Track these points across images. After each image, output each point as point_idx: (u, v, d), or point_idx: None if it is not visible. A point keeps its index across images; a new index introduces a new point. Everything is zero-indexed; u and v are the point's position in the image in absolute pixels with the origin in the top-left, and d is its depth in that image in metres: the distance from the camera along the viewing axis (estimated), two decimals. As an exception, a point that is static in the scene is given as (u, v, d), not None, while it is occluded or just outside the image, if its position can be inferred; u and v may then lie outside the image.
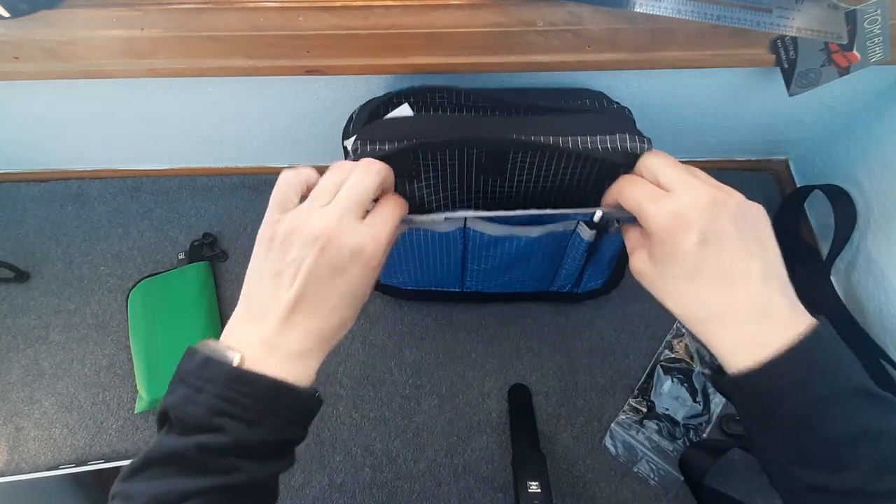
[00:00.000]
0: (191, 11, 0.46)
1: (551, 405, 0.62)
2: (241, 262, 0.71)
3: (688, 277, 0.34)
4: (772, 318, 0.33)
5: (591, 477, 0.59)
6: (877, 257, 0.61)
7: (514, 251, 0.54)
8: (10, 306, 0.68)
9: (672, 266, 0.34)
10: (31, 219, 0.74)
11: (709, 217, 0.33)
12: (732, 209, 0.34)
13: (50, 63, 0.49)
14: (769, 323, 0.32)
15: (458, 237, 0.53)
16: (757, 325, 0.32)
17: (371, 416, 0.62)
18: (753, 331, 0.32)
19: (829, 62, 0.49)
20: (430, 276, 0.60)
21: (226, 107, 0.62)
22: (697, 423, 0.60)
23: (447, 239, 0.53)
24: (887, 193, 0.59)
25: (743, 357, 0.32)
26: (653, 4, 0.44)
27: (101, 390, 0.64)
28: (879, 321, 0.61)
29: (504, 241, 0.53)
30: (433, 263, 0.57)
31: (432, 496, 0.58)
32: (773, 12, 0.45)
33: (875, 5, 0.45)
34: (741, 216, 0.34)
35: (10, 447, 0.61)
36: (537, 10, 0.46)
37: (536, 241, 0.52)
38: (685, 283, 0.34)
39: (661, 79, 0.57)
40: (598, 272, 0.60)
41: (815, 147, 0.71)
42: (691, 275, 0.34)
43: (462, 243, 0.54)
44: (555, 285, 0.63)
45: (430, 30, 0.47)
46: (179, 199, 0.75)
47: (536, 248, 0.54)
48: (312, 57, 0.49)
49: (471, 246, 0.54)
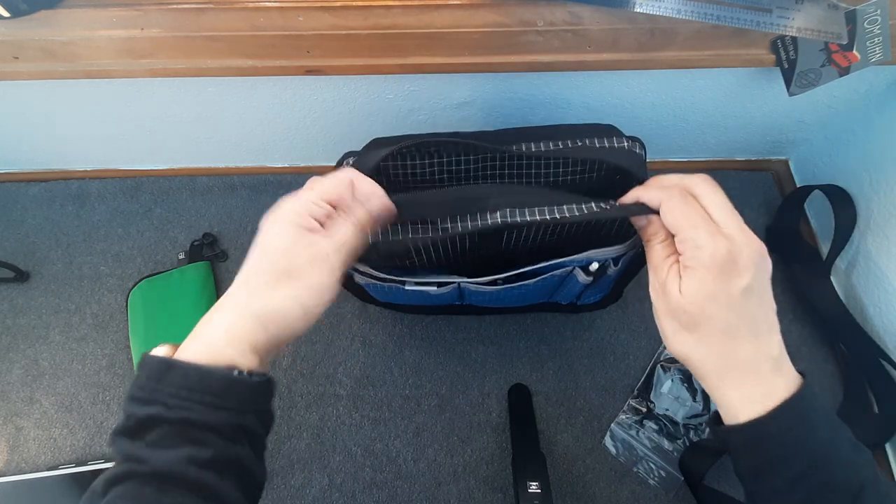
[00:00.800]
0: (191, 11, 0.46)
1: (551, 405, 0.62)
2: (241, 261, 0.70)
3: (725, 321, 0.34)
4: (781, 369, 0.35)
5: (591, 477, 0.59)
6: (877, 257, 0.61)
7: (512, 294, 0.52)
8: (10, 306, 0.68)
9: (710, 305, 0.34)
10: (31, 219, 0.74)
11: (760, 268, 0.35)
12: (769, 264, 0.36)
13: (50, 63, 0.49)
14: (777, 373, 0.35)
15: (455, 293, 0.52)
16: (769, 374, 0.35)
17: (371, 416, 0.62)
18: (765, 380, 0.34)
19: (830, 62, 0.49)
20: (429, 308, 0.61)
21: (226, 107, 0.62)
22: (697, 423, 0.60)
23: (441, 297, 0.52)
24: (887, 193, 0.59)
25: (755, 406, 0.34)
26: (653, 4, 0.44)
27: (101, 390, 0.64)
28: (879, 321, 0.61)
29: (500, 292, 0.51)
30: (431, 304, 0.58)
31: (432, 496, 0.58)
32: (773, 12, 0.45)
33: (875, 5, 0.45)
34: (770, 270, 0.36)
35: (10, 447, 0.61)
36: (537, 10, 0.46)
37: (533, 286, 0.51)
38: (721, 325, 0.35)
39: (661, 79, 0.57)
40: (598, 292, 0.59)
41: (816, 147, 0.71)
42: (728, 319, 0.34)
43: (458, 295, 0.53)
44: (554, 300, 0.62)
45: (430, 30, 0.47)
46: (179, 199, 0.75)
47: (533, 289, 0.52)
48: (312, 57, 0.49)
49: (466, 294, 0.53)
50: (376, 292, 0.55)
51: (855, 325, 0.61)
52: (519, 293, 0.53)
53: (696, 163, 0.76)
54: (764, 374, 0.34)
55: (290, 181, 0.75)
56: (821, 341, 0.64)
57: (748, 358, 0.35)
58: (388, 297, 0.55)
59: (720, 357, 0.35)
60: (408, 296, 0.52)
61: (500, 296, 0.53)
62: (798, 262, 0.67)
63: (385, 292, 0.53)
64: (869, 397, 0.60)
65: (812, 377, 0.35)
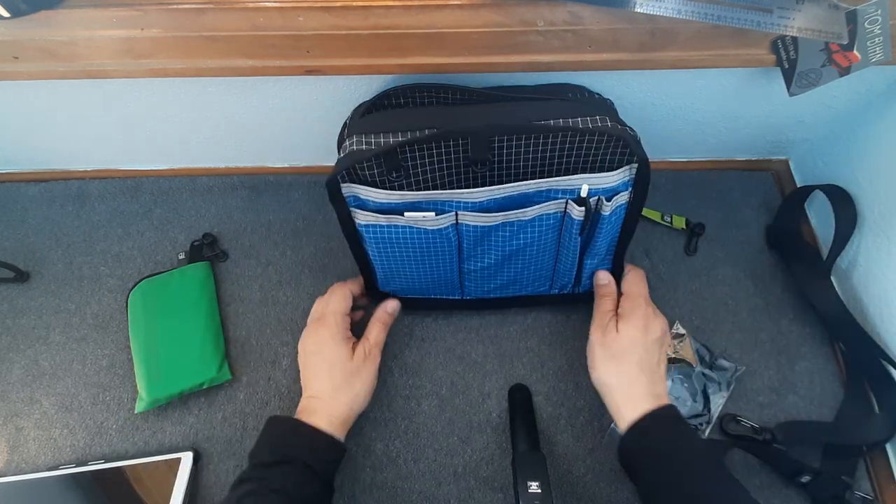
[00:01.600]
0: (191, 11, 0.46)
1: (551, 405, 0.62)
2: (242, 261, 0.71)
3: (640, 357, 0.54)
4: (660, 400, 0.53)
5: (591, 477, 0.59)
6: (877, 257, 0.61)
7: (509, 240, 0.54)
8: (10, 306, 0.68)
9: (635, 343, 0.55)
10: (31, 219, 0.74)
11: (665, 335, 0.56)
12: (669, 337, 0.59)
13: (50, 63, 0.49)
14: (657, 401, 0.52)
15: (452, 234, 0.53)
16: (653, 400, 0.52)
17: (371, 417, 0.62)
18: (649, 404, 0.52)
19: (830, 62, 0.49)
20: (428, 279, 0.60)
21: (226, 107, 0.62)
22: (697, 423, 0.60)
23: (440, 236, 0.53)
24: (887, 193, 0.59)
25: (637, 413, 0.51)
26: (653, 4, 0.44)
27: (101, 390, 0.64)
28: (879, 321, 0.61)
29: (497, 230, 0.52)
30: (429, 264, 0.57)
31: (432, 496, 0.58)
32: (773, 12, 0.45)
33: (875, 5, 0.45)
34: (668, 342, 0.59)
35: (10, 447, 0.61)
36: (538, 10, 0.46)
37: (529, 227, 0.52)
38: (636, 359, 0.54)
39: (661, 79, 0.57)
40: (597, 264, 0.60)
41: (816, 147, 0.71)
42: (642, 356, 0.54)
43: (456, 241, 0.54)
44: (556, 286, 0.63)
45: (430, 30, 0.47)
46: (179, 199, 0.75)
47: (530, 236, 0.54)
48: (312, 57, 0.49)
49: (465, 244, 0.54)
50: (377, 249, 0.55)
51: (855, 325, 0.61)
52: (518, 243, 0.54)
53: (697, 162, 0.76)
54: (650, 400, 0.51)
55: (290, 181, 0.75)
56: (821, 341, 0.64)
57: (644, 391, 0.52)
58: (389, 255, 0.55)
59: (628, 385, 0.53)
60: (407, 247, 0.54)
61: (499, 247, 0.55)
62: (798, 262, 0.67)
63: (385, 244, 0.54)
64: (869, 397, 0.60)
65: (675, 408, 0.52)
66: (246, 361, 0.65)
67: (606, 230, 0.54)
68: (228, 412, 0.62)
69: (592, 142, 0.48)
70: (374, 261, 0.57)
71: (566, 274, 0.60)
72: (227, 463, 0.59)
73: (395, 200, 0.49)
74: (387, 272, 0.59)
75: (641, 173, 0.49)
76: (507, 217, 0.51)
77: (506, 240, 0.54)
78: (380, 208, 0.50)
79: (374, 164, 0.47)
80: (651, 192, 0.50)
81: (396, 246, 0.54)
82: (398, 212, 0.50)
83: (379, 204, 0.50)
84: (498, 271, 0.59)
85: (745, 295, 0.67)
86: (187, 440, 0.61)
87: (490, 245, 0.55)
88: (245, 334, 0.66)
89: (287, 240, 0.72)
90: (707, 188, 0.74)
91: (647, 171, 0.49)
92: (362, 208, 0.51)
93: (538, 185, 0.49)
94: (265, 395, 0.63)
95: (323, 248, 0.71)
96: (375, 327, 0.59)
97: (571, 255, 0.57)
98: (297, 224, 0.73)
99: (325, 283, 0.68)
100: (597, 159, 0.49)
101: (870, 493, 0.57)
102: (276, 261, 0.71)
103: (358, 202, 0.51)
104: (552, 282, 0.62)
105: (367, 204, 0.50)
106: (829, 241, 0.65)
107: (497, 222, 0.51)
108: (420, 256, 0.55)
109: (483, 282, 0.61)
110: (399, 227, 0.51)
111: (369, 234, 0.53)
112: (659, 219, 0.71)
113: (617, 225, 0.55)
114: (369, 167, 0.48)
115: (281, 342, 0.66)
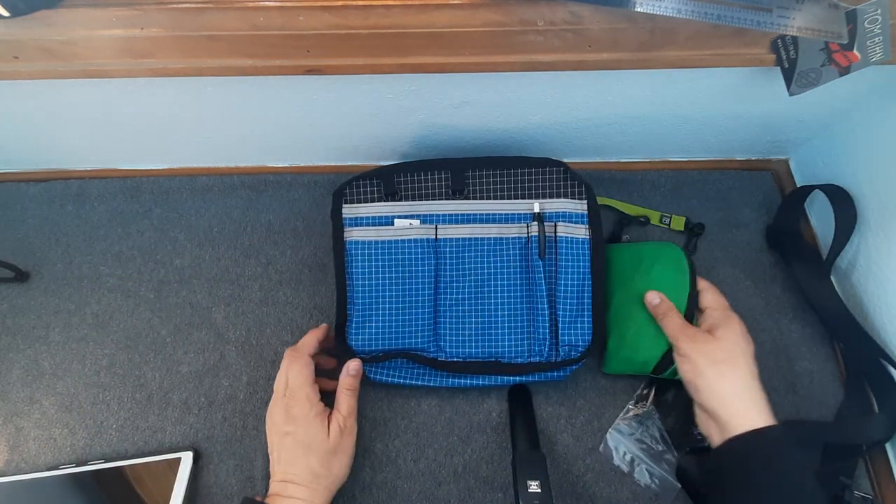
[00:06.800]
0: (191, 11, 0.46)
1: (551, 405, 0.62)
2: (242, 261, 0.71)
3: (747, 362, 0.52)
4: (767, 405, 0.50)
5: (591, 477, 0.59)
6: (877, 257, 0.61)
7: (481, 263, 0.61)
8: (10, 306, 0.68)
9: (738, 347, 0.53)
10: (31, 219, 0.74)
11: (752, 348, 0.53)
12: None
13: (50, 63, 0.49)
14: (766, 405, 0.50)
15: (431, 250, 0.61)
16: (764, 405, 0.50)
17: (371, 417, 0.62)
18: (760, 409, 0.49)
19: (830, 62, 0.49)
20: (404, 316, 0.60)
21: (226, 107, 0.62)
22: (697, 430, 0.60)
23: (422, 248, 0.60)
24: (887, 193, 0.59)
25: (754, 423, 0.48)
26: (653, 4, 0.44)
27: (101, 390, 0.64)
28: (879, 321, 0.61)
29: (469, 248, 0.61)
30: (408, 288, 0.60)
31: (432, 496, 0.58)
32: (773, 12, 0.45)
33: (875, 5, 0.45)
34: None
35: (10, 447, 0.61)
36: (538, 10, 0.46)
37: (497, 246, 0.61)
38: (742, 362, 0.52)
39: (661, 78, 0.57)
40: (573, 316, 0.58)
41: (816, 147, 0.71)
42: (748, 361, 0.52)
43: (434, 262, 0.60)
44: (535, 346, 0.59)
45: (430, 29, 0.47)
46: (179, 199, 0.75)
47: (499, 262, 0.61)
48: (312, 57, 0.49)
49: (441, 265, 0.61)
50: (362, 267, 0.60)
51: (855, 325, 0.61)
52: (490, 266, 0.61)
53: (697, 162, 0.76)
54: (763, 416, 0.48)
55: (290, 181, 0.75)
56: (821, 341, 0.64)
57: (759, 403, 0.49)
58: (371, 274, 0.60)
59: (744, 390, 0.49)
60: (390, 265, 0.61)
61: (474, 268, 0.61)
62: (798, 262, 0.67)
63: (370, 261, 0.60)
64: (869, 397, 0.61)
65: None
66: (246, 361, 0.65)
67: (570, 261, 0.59)
68: (228, 412, 0.62)
69: (545, 173, 0.61)
70: (356, 284, 0.60)
71: (541, 326, 0.58)
72: (227, 463, 0.59)
73: (387, 213, 0.61)
74: (366, 301, 0.60)
75: (592, 209, 0.60)
76: (475, 231, 0.61)
77: (477, 262, 0.61)
78: (373, 222, 0.61)
79: (374, 184, 0.62)
80: (651, 192, 0.51)
81: (380, 263, 0.60)
82: (389, 222, 0.61)
83: (373, 219, 0.61)
84: (472, 310, 0.60)
85: (745, 295, 0.67)
86: (187, 440, 0.61)
87: (462, 268, 0.61)
88: (245, 334, 0.66)
89: (287, 240, 0.72)
90: (707, 188, 0.74)
91: (596, 206, 0.61)
92: (357, 226, 0.61)
93: (501, 206, 0.62)
94: (265, 394, 0.63)
95: (323, 248, 0.71)
96: (344, 396, 0.56)
97: (542, 293, 0.58)
98: (297, 224, 0.73)
99: (325, 283, 0.69)
100: (548, 189, 0.62)
101: (870, 492, 0.57)
102: (276, 261, 0.71)
103: (353, 222, 0.61)
104: (531, 340, 0.59)
105: (363, 220, 0.61)
106: (829, 240, 0.65)
107: (471, 236, 0.61)
108: (400, 276, 0.60)
109: (457, 330, 0.59)
110: (385, 242, 0.60)
111: (358, 249, 0.60)
112: (657, 220, 0.71)
113: (582, 261, 0.59)
114: (369, 190, 0.62)
115: (281, 342, 0.66)
